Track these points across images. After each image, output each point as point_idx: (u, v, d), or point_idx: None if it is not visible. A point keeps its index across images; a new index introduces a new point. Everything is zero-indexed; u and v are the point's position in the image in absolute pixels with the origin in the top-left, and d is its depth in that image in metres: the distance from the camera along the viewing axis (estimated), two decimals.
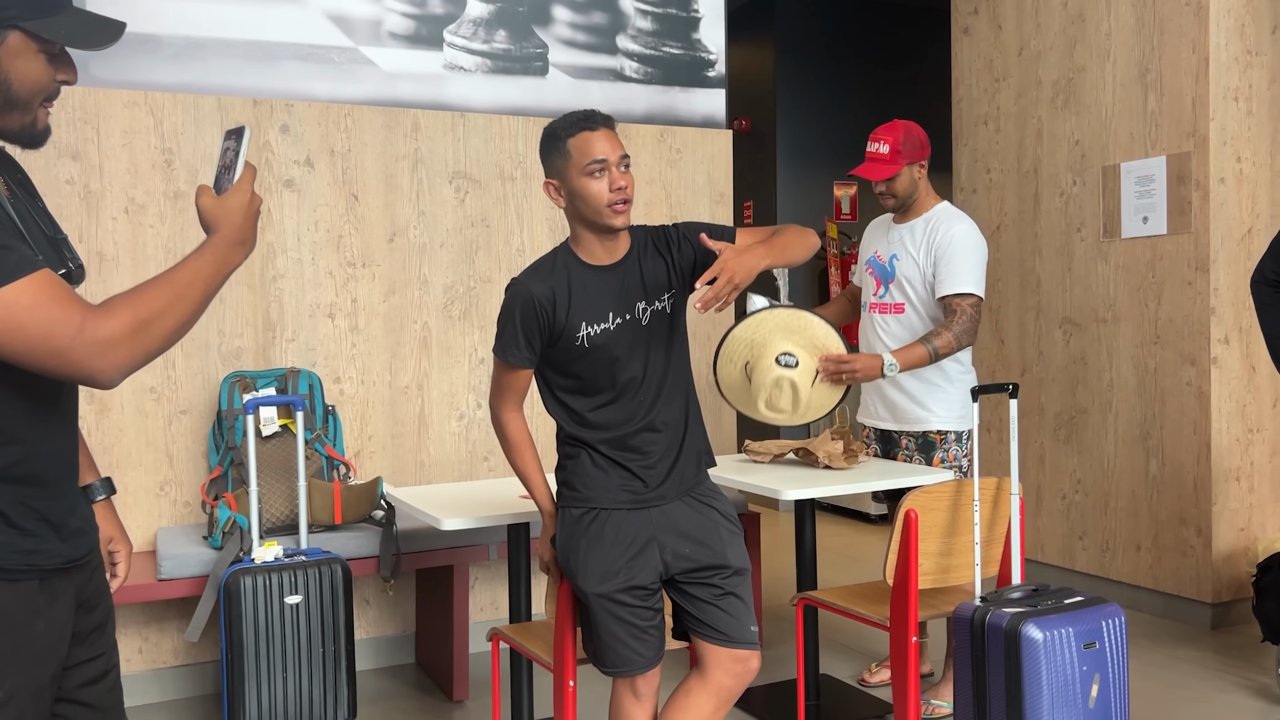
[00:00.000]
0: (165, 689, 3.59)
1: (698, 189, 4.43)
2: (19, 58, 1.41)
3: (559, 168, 2.25)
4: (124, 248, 3.55)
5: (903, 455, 3.39)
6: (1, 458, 1.41)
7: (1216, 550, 4.07)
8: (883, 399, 3.42)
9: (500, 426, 2.36)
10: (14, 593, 1.42)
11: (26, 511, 1.44)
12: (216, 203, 1.49)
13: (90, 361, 1.34)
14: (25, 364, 1.34)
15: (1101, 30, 4.42)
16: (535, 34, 4.19)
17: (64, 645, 1.50)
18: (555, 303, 2.23)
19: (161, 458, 3.61)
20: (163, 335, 1.39)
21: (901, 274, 3.35)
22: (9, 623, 1.40)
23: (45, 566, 1.45)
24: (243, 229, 1.49)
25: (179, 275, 1.42)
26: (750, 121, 7.00)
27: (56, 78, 1.46)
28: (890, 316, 3.36)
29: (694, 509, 2.33)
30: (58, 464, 1.50)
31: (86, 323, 1.33)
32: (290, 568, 3.04)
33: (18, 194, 1.51)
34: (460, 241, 4.03)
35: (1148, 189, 4.24)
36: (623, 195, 2.20)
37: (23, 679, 1.41)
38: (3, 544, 1.41)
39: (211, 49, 3.69)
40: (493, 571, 4.07)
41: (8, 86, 1.41)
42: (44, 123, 1.48)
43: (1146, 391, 4.28)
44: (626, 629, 2.25)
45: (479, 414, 4.07)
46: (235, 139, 1.55)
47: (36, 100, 1.45)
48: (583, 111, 2.25)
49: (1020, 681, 2.42)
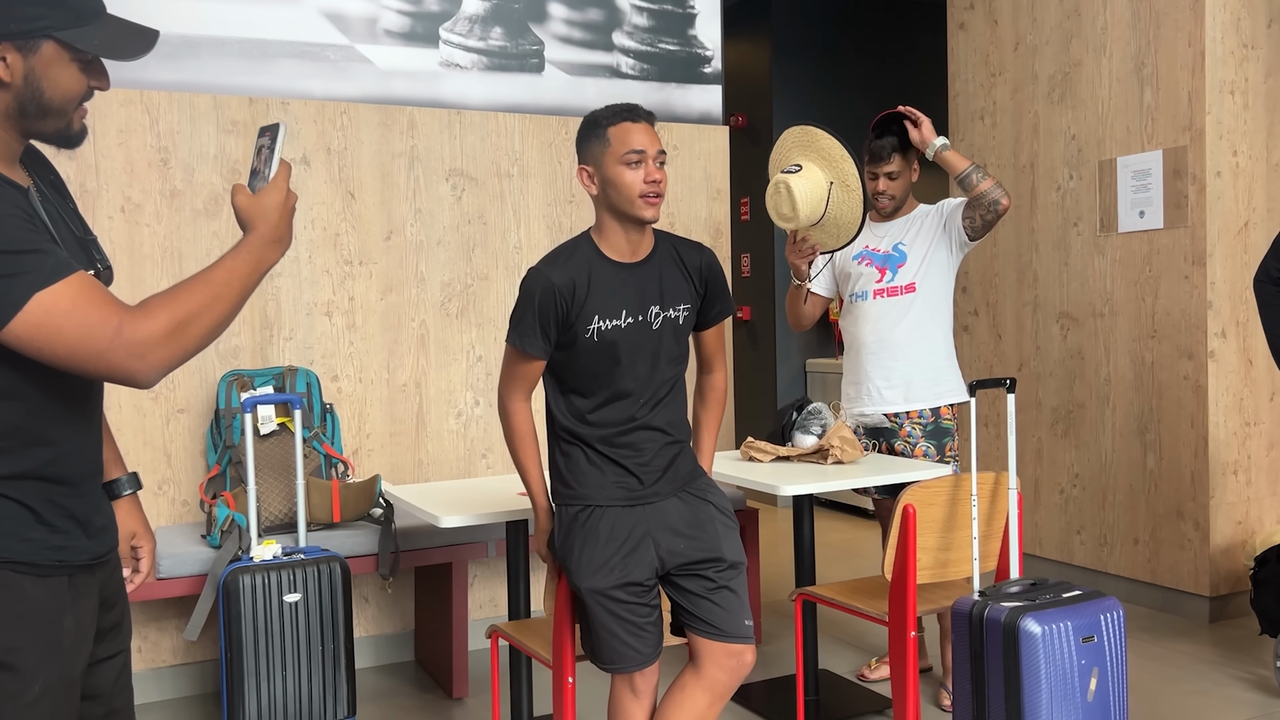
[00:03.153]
0: (164, 688, 3.59)
1: (695, 185, 4.43)
2: (53, 66, 1.42)
3: (596, 155, 2.25)
4: (120, 246, 3.55)
5: (902, 445, 3.39)
6: (35, 458, 1.44)
7: (1214, 544, 4.07)
8: (888, 378, 3.38)
9: (507, 416, 2.35)
10: (46, 588, 1.44)
11: (56, 509, 1.46)
12: (252, 201, 1.49)
13: (129, 363, 1.35)
14: (65, 367, 1.36)
15: (1097, 25, 4.42)
16: (531, 31, 4.18)
17: (90, 641, 1.52)
18: (574, 293, 2.23)
19: (159, 456, 3.61)
20: (200, 335, 1.40)
21: (915, 254, 3.35)
22: (41, 618, 1.43)
23: (74, 563, 1.48)
24: (279, 227, 1.49)
25: (216, 275, 1.43)
26: (746, 117, 7.00)
27: (90, 84, 1.47)
28: (904, 298, 3.36)
29: (688, 504, 2.34)
30: (85, 463, 1.52)
31: (124, 325, 1.34)
32: (289, 566, 3.04)
33: (49, 195, 1.52)
34: (457, 239, 4.03)
35: (1144, 183, 4.24)
36: (656, 189, 2.22)
37: (55, 674, 1.44)
38: (35, 540, 1.43)
39: (207, 47, 3.69)
40: (491, 569, 4.07)
41: (41, 95, 1.42)
42: (79, 125, 1.49)
43: (1144, 386, 4.28)
44: (623, 625, 2.25)
45: (477, 411, 4.07)
46: (270, 136, 1.53)
47: (71, 107, 1.46)
48: (626, 103, 2.28)
49: (1019, 675, 2.42)
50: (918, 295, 3.36)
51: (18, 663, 1.39)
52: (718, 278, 2.41)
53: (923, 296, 3.36)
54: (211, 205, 3.67)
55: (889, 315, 3.37)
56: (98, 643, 1.55)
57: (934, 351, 3.37)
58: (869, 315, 3.41)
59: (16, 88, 1.42)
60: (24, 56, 1.40)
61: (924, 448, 3.36)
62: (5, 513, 1.41)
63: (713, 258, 2.40)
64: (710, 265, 2.39)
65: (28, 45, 1.40)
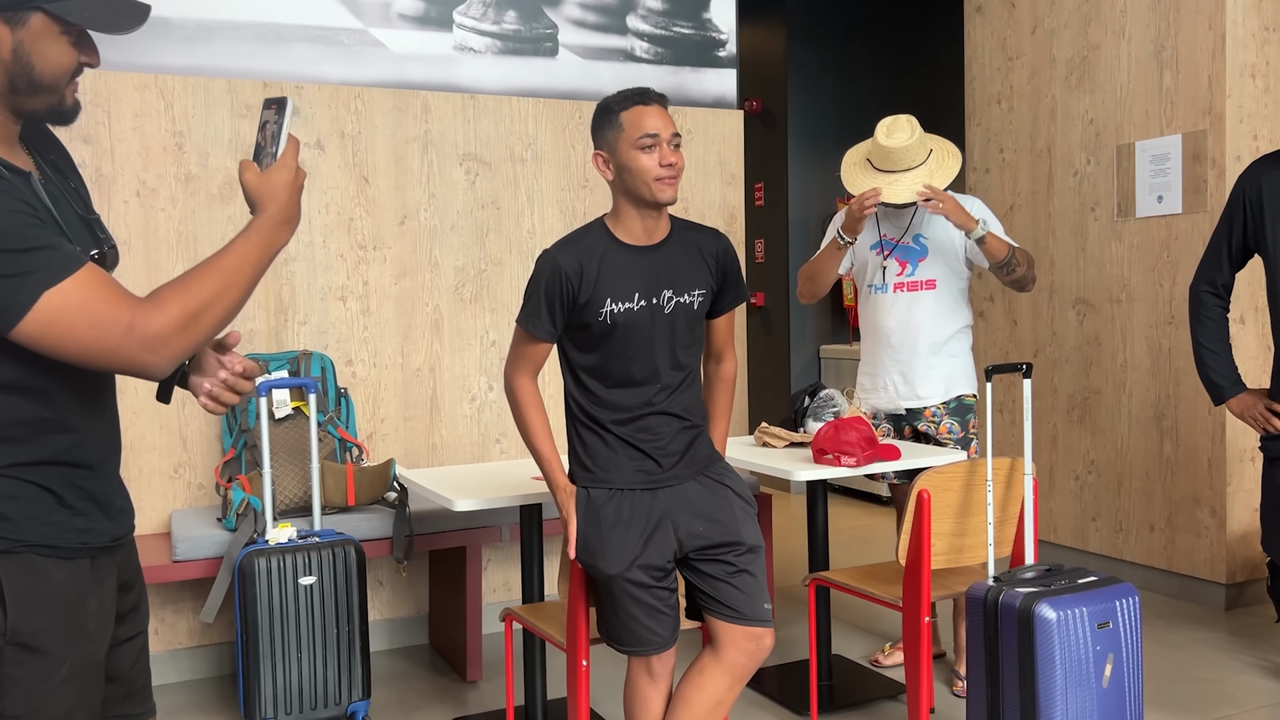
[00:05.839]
0: (181, 669, 3.62)
1: (709, 170, 4.42)
2: (42, 40, 1.39)
3: (610, 140, 2.25)
4: (135, 231, 3.56)
5: (926, 425, 3.38)
6: (55, 444, 1.44)
7: (1231, 531, 4.05)
8: (905, 375, 3.37)
9: (513, 391, 2.35)
10: (69, 570, 1.44)
11: (77, 492, 1.46)
12: (261, 179, 1.45)
13: (142, 358, 1.35)
14: (78, 363, 1.35)
15: (1116, 7, 4.37)
16: (545, 14, 4.17)
17: (111, 623, 1.53)
18: (582, 276, 2.23)
19: (175, 440, 3.63)
20: (212, 324, 1.39)
21: (936, 249, 3.35)
22: (66, 600, 1.43)
23: (95, 544, 1.48)
24: (289, 206, 1.46)
25: (226, 261, 1.41)
26: (761, 102, 6.97)
27: (80, 59, 1.44)
28: (924, 293, 3.36)
29: (707, 488, 2.34)
30: (104, 446, 1.53)
31: (136, 319, 1.33)
32: (304, 549, 3.05)
33: (50, 175, 1.50)
34: (471, 224, 4.03)
35: (1163, 168, 4.21)
36: (671, 171, 2.22)
37: (81, 656, 1.44)
38: (58, 524, 1.44)
39: (221, 31, 3.69)
40: (505, 553, 4.08)
41: (30, 70, 1.39)
42: (72, 100, 1.46)
43: (1160, 372, 4.25)
44: (643, 609, 2.26)
45: (491, 396, 4.07)
46: (276, 110, 1.48)
47: (63, 83, 1.43)
48: (638, 87, 2.27)
49: (1033, 661, 2.41)
50: (938, 292, 3.35)
51: (45, 645, 1.40)
52: (733, 265, 2.40)
53: (943, 292, 3.36)
54: (226, 190, 3.67)
55: (909, 310, 3.36)
56: (118, 625, 1.56)
57: (955, 351, 3.39)
58: (889, 308, 3.40)
59: (5, 63, 1.38)
60: (12, 30, 1.37)
61: (948, 424, 3.36)
62: (28, 497, 1.41)
63: (728, 244, 2.40)
64: (726, 252, 2.38)
65: (16, 18, 1.37)
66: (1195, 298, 3.35)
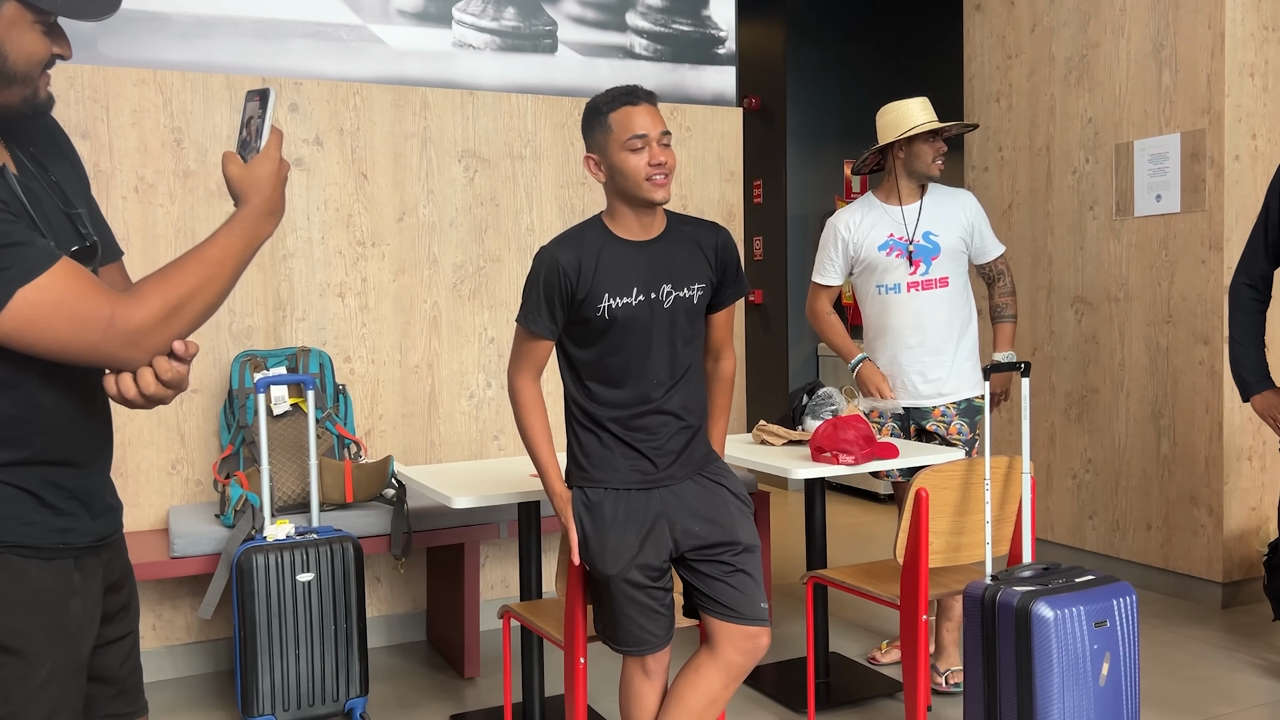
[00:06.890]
0: (179, 665, 3.62)
1: (708, 167, 4.41)
2: (14, 28, 1.36)
3: (600, 142, 2.25)
4: (134, 227, 3.55)
5: (935, 425, 3.39)
6: (36, 443, 1.42)
7: (1228, 529, 4.06)
8: (925, 374, 3.38)
9: (515, 393, 2.34)
10: (51, 571, 1.42)
11: (59, 492, 1.44)
12: (244, 171, 1.44)
13: (123, 352, 1.34)
14: (59, 359, 1.34)
15: (1115, 6, 4.37)
16: (544, 11, 4.16)
17: (97, 622, 1.51)
18: (580, 271, 2.23)
19: (173, 436, 3.62)
20: (194, 316, 1.38)
21: (948, 247, 3.36)
22: (47, 601, 1.41)
23: (78, 544, 1.46)
24: (272, 198, 1.44)
25: (209, 253, 1.40)
26: (760, 99, 6.96)
27: (53, 50, 1.41)
28: (938, 291, 3.37)
29: (704, 487, 2.34)
30: (89, 444, 1.50)
31: (116, 314, 1.32)
32: (302, 546, 3.05)
33: (29, 168, 1.47)
34: (469, 220, 4.02)
35: (1161, 167, 4.21)
36: (662, 170, 2.20)
37: (62, 658, 1.42)
38: (38, 524, 1.41)
39: (220, 27, 3.68)
40: (503, 550, 4.08)
41: (4, 60, 1.36)
42: (45, 92, 1.43)
43: (1158, 371, 4.26)
44: (639, 609, 2.26)
45: (489, 393, 4.07)
46: (259, 101, 1.47)
47: (36, 74, 1.40)
48: (625, 86, 2.26)
49: (1031, 660, 2.42)
50: (950, 289, 3.37)
51: (24, 647, 1.38)
52: (733, 258, 2.39)
53: (955, 290, 3.38)
54: (225, 186, 3.67)
55: (925, 309, 3.36)
56: (106, 625, 1.54)
57: (972, 350, 3.44)
58: (904, 308, 3.38)
59: None
60: None
61: (958, 425, 3.37)
62: (7, 498, 1.39)
63: (728, 237, 2.38)
64: (726, 245, 2.37)
65: None
66: (1233, 291, 3.32)
